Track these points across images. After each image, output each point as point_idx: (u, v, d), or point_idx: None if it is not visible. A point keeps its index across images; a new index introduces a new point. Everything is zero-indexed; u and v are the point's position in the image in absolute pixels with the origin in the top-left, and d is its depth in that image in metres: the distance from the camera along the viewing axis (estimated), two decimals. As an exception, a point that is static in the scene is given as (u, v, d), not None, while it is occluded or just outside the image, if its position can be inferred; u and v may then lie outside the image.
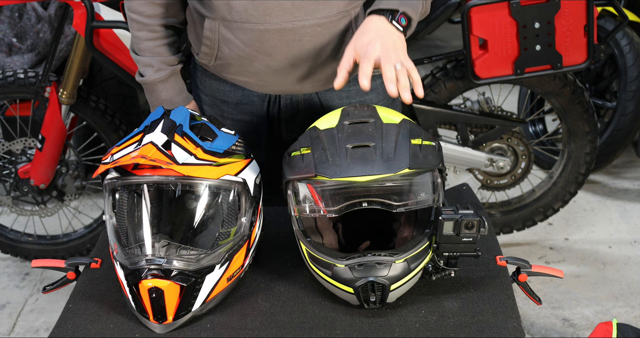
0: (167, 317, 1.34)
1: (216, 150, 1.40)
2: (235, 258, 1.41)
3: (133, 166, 1.36)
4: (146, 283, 1.32)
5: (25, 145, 2.82)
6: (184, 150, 1.35)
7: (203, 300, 1.37)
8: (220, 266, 1.38)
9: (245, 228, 1.42)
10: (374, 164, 1.31)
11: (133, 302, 1.36)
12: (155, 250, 1.36)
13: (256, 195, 1.46)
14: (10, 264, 3.05)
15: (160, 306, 1.33)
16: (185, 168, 1.33)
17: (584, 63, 2.52)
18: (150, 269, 1.33)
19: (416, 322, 1.34)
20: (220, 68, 1.71)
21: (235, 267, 1.42)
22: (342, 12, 1.60)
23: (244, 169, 1.43)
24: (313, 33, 1.60)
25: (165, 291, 1.32)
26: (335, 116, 1.43)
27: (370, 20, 1.51)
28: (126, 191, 1.40)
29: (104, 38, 2.41)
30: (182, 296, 1.34)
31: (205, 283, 1.36)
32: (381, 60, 1.43)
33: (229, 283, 1.42)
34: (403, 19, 1.51)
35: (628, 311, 2.66)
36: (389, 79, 1.40)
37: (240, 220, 1.42)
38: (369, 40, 1.46)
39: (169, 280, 1.33)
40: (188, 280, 1.34)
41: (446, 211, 1.34)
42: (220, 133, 1.46)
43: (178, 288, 1.33)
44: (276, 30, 1.58)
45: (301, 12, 1.57)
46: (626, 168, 3.66)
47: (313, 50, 1.62)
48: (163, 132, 1.36)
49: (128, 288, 1.36)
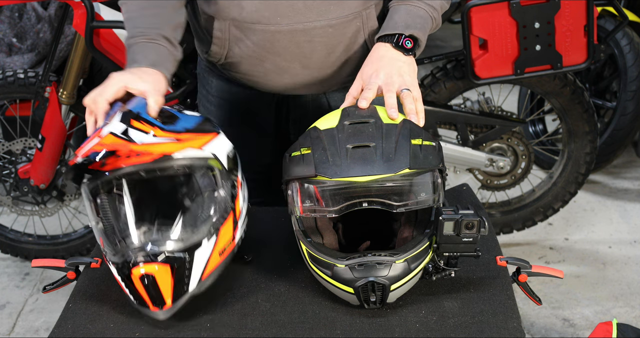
0: (166, 301, 1.34)
1: (176, 129, 1.39)
2: (223, 231, 1.40)
3: (101, 164, 1.35)
4: (137, 271, 1.33)
5: (25, 145, 2.82)
6: (142, 132, 1.35)
7: (199, 278, 1.37)
8: (207, 240, 1.37)
9: (224, 202, 1.41)
10: (374, 164, 1.31)
11: (132, 296, 1.36)
12: (140, 238, 1.36)
13: (231, 168, 1.45)
14: (10, 264, 3.05)
15: (156, 291, 1.33)
16: (144, 146, 1.33)
17: (584, 63, 2.52)
18: (138, 257, 1.33)
19: (416, 322, 1.34)
20: (230, 66, 1.71)
21: (224, 240, 1.41)
22: (354, 13, 1.60)
23: (210, 143, 1.42)
24: (324, 34, 1.60)
25: (157, 275, 1.32)
26: (336, 116, 1.43)
27: (376, 49, 1.55)
28: (104, 193, 1.39)
29: (104, 38, 2.41)
30: (175, 276, 1.34)
31: (196, 260, 1.36)
32: (383, 89, 1.47)
33: (223, 258, 1.41)
34: (408, 41, 1.54)
35: (628, 311, 2.66)
36: (389, 105, 1.43)
37: (219, 194, 1.40)
38: (374, 71, 1.50)
39: (157, 264, 1.32)
40: (177, 259, 1.34)
41: (446, 211, 1.34)
42: (183, 115, 1.45)
43: (168, 269, 1.33)
44: (287, 31, 1.58)
45: (313, 13, 1.57)
46: (626, 168, 3.66)
47: (324, 51, 1.63)
48: (121, 121, 1.36)
49: (123, 283, 1.36)
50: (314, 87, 1.71)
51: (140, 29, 1.55)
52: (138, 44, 1.54)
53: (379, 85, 1.48)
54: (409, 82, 1.48)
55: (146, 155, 1.33)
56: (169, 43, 1.56)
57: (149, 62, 1.51)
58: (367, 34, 1.65)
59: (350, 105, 1.50)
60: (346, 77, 1.71)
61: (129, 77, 1.47)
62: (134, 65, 1.51)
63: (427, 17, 1.58)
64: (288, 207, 1.42)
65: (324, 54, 1.63)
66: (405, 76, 1.49)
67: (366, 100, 1.45)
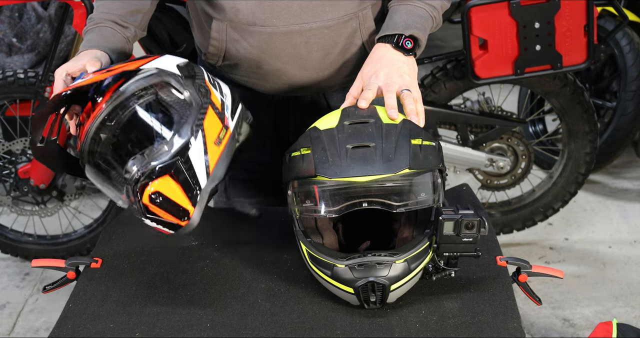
0: (187, 209, 1.34)
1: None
2: (206, 124, 1.39)
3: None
4: (145, 197, 1.32)
5: (25, 145, 2.82)
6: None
7: (205, 173, 1.37)
8: (194, 139, 1.36)
9: (192, 100, 1.40)
10: (374, 164, 1.31)
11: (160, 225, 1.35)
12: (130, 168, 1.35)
13: (188, 74, 1.44)
14: (10, 264, 3.05)
15: (172, 204, 1.33)
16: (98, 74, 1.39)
17: (584, 63, 2.52)
18: (136, 184, 1.33)
19: (416, 322, 1.34)
20: (228, 68, 1.71)
21: (213, 131, 1.40)
22: (350, 14, 1.60)
23: (155, 60, 1.45)
24: (320, 35, 1.60)
25: (162, 189, 1.32)
26: (336, 116, 1.43)
27: (376, 50, 1.55)
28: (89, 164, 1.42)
29: (104, 38, 2.41)
30: (181, 182, 1.33)
31: (193, 159, 1.35)
32: (383, 90, 1.47)
33: (222, 146, 1.41)
34: (408, 42, 1.53)
35: (628, 311, 2.66)
36: (389, 106, 1.43)
37: (179, 98, 1.40)
38: (374, 71, 1.50)
39: (156, 179, 1.32)
40: (171, 166, 1.33)
41: (446, 211, 1.34)
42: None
43: (169, 178, 1.33)
44: (283, 33, 1.58)
45: (308, 14, 1.57)
46: (626, 168, 3.66)
47: (320, 52, 1.63)
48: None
49: (148, 220, 1.35)
50: (312, 89, 1.71)
51: (95, 14, 1.63)
52: (87, 33, 1.61)
53: (379, 85, 1.47)
54: (409, 83, 1.48)
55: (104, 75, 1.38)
56: (116, 24, 1.61)
57: (89, 45, 1.58)
58: (364, 34, 1.65)
59: (350, 105, 1.50)
60: (344, 78, 1.70)
61: (66, 65, 1.52)
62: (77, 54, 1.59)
63: (427, 16, 1.58)
64: (288, 207, 1.42)
65: (320, 55, 1.63)
66: (405, 77, 1.49)
67: (366, 101, 1.45)
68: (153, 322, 1.37)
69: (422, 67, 2.70)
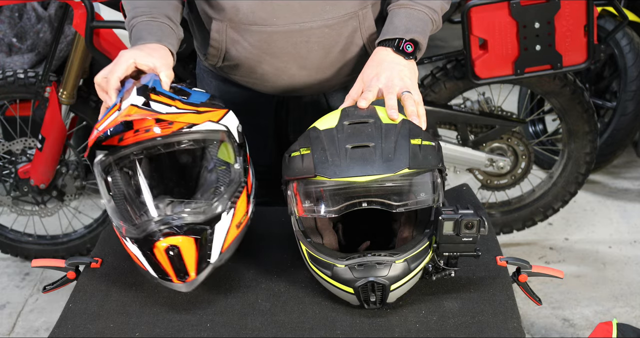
0: (190, 273, 1.35)
1: (194, 102, 1.42)
2: (239, 205, 1.43)
3: (119, 139, 1.37)
4: (160, 244, 1.34)
5: (25, 145, 2.82)
6: (164, 105, 1.37)
7: (219, 250, 1.39)
8: (226, 213, 1.40)
9: (239, 175, 1.44)
10: (373, 164, 1.31)
11: (152, 270, 1.37)
12: (161, 210, 1.38)
13: (242, 142, 1.48)
14: (10, 264, 3.05)
15: (180, 263, 1.34)
16: (171, 115, 1.35)
17: (584, 63, 2.52)
18: (161, 230, 1.34)
19: (416, 322, 1.34)
20: (228, 69, 1.71)
21: (240, 213, 1.43)
22: (350, 13, 1.60)
23: (225, 117, 1.45)
24: (321, 34, 1.60)
25: (181, 246, 1.34)
26: (335, 116, 1.43)
27: (376, 53, 1.55)
28: (117, 168, 1.41)
29: (104, 38, 2.41)
30: (199, 248, 1.35)
31: (217, 232, 1.38)
32: (383, 91, 1.47)
33: (239, 230, 1.44)
34: (409, 45, 1.54)
35: (628, 311, 2.66)
36: (389, 106, 1.43)
37: (234, 167, 1.43)
38: (375, 74, 1.50)
39: (181, 236, 1.34)
40: (200, 231, 1.36)
41: (446, 211, 1.34)
42: (193, 91, 1.48)
43: (192, 241, 1.35)
44: (283, 32, 1.58)
45: (309, 13, 1.57)
46: (626, 168, 3.66)
47: (320, 51, 1.63)
48: (139, 95, 1.37)
49: (144, 257, 1.36)
50: (313, 88, 1.71)
51: (143, 9, 1.56)
52: (142, 23, 1.55)
53: (380, 87, 1.48)
54: (409, 85, 1.49)
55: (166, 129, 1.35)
56: (172, 22, 1.57)
57: (154, 38, 1.52)
58: (364, 34, 1.65)
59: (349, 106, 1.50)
60: (344, 78, 1.70)
61: (138, 53, 1.47)
62: (140, 42, 1.52)
63: (427, 20, 1.58)
64: (288, 207, 1.42)
65: (321, 55, 1.63)
66: (406, 79, 1.50)
67: (366, 101, 1.45)
68: (153, 322, 1.37)
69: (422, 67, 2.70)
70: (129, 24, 1.58)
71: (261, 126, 1.81)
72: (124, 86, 1.45)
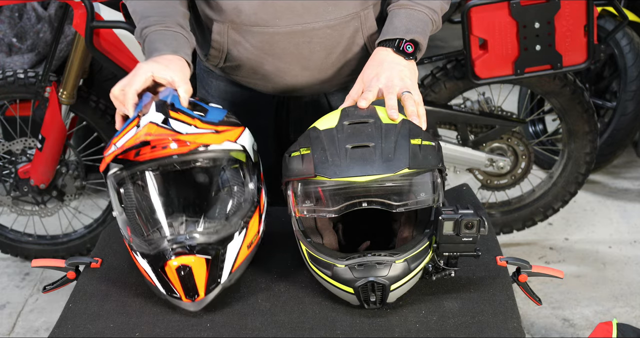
0: (199, 293, 1.36)
1: (212, 121, 1.42)
2: (251, 224, 1.43)
3: (135, 154, 1.37)
4: (172, 263, 1.34)
5: (25, 145, 2.82)
6: (184, 124, 1.37)
7: (229, 271, 1.39)
8: (239, 234, 1.40)
9: (253, 194, 1.44)
10: (373, 164, 1.31)
11: (161, 286, 1.37)
12: (175, 229, 1.38)
13: (257, 161, 1.48)
14: (10, 264, 3.05)
15: (190, 283, 1.34)
16: (191, 136, 1.35)
17: (584, 63, 2.52)
18: (173, 248, 1.34)
19: (416, 322, 1.34)
20: (229, 70, 1.71)
21: (252, 233, 1.43)
22: (352, 13, 1.60)
23: (241, 136, 1.45)
24: (323, 35, 1.60)
25: (193, 267, 1.34)
26: (335, 116, 1.43)
27: (377, 53, 1.55)
28: (131, 182, 1.41)
29: (104, 38, 2.41)
30: (210, 269, 1.35)
31: (228, 252, 1.38)
32: (384, 91, 1.47)
33: (250, 250, 1.44)
34: (409, 46, 1.54)
35: (628, 311, 2.66)
36: (389, 106, 1.43)
37: (248, 187, 1.43)
38: (375, 74, 1.50)
39: (194, 255, 1.34)
40: (212, 252, 1.36)
41: (446, 211, 1.34)
42: (210, 107, 1.48)
43: (204, 261, 1.35)
44: (286, 33, 1.58)
45: (311, 14, 1.57)
46: (626, 168, 3.66)
47: (322, 51, 1.63)
48: (158, 111, 1.37)
49: (154, 273, 1.37)
50: (314, 88, 1.71)
51: (155, 18, 1.55)
52: (155, 33, 1.53)
53: (380, 87, 1.48)
54: (410, 86, 1.49)
55: (184, 147, 1.34)
56: (184, 30, 1.57)
57: (170, 49, 1.51)
58: (365, 34, 1.65)
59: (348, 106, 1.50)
60: (346, 78, 1.71)
61: (155, 66, 1.46)
62: (155, 53, 1.50)
63: (427, 20, 1.58)
64: (288, 207, 1.42)
65: (323, 55, 1.63)
66: (407, 80, 1.50)
67: (366, 101, 1.46)
68: (153, 322, 1.37)
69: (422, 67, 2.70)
70: (140, 34, 1.56)
71: (261, 126, 1.81)
72: (142, 99, 1.45)
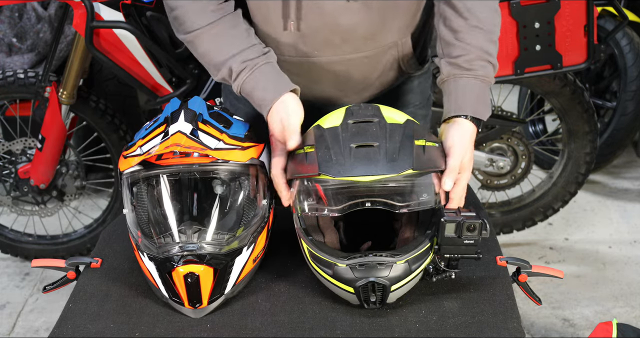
0: (203, 302, 1.37)
1: (238, 135, 1.44)
2: (259, 240, 1.44)
3: (157, 157, 1.38)
4: (181, 269, 1.35)
5: (25, 145, 2.82)
6: (212, 137, 1.39)
7: (234, 282, 1.40)
8: (247, 248, 1.41)
9: (265, 210, 1.46)
10: (377, 163, 1.31)
11: (165, 290, 1.38)
12: (187, 236, 1.39)
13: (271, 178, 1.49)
14: (10, 264, 3.05)
15: (196, 291, 1.36)
16: (219, 152, 1.37)
17: (584, 63, 2.52)
18: (183, 256, 1.35)
19: (416, 322, 1.34)
20: None
21: (258, 248, 1.45)
22: (390, 43, 1.61)
23: (263, 152, 1.47)
24: (360, 63, 1.61)
25: (201, 276, 1.35)
26: (340, 115, 1.43)
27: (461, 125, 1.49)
28: (147, 182, 1.42)
29: (104, 38, 2.41)
30: (216, 279, 1.37)
31: (235, 265, 1.39)
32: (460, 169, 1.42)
33: (254, 264, 1.45)
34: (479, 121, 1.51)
35: (628, 311, 2.66)
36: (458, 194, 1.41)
37: (261, 203, 1.45)
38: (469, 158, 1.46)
39: (203, 265, 1.35)
40: (220, 263, 1.37)
41: (448, 213, 1.34)
42: (234, 120, 1.50)
43: (212, 272, 1.36)
44: (324, 63, 1.60)
45: (350, 46, 1.58)
46: (626, 168, 3.66)
47: (360, 77, 1.65)
48: (186, 121, 1.39)
49: (160, 277, 1.37)
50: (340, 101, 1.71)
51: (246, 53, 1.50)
52: (259, 69, 1.49)
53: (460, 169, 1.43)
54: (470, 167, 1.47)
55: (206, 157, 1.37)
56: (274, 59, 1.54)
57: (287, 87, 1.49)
58: (403, 60, 1.67)
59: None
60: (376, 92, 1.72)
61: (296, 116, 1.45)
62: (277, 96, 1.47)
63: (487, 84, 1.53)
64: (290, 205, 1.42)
65: (360, 80, 1.65)
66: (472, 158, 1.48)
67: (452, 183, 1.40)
68: (153, 322, 1.37)
69: (422, 67, 2.71)
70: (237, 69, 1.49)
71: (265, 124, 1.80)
72: (171, 104, 1.47)
